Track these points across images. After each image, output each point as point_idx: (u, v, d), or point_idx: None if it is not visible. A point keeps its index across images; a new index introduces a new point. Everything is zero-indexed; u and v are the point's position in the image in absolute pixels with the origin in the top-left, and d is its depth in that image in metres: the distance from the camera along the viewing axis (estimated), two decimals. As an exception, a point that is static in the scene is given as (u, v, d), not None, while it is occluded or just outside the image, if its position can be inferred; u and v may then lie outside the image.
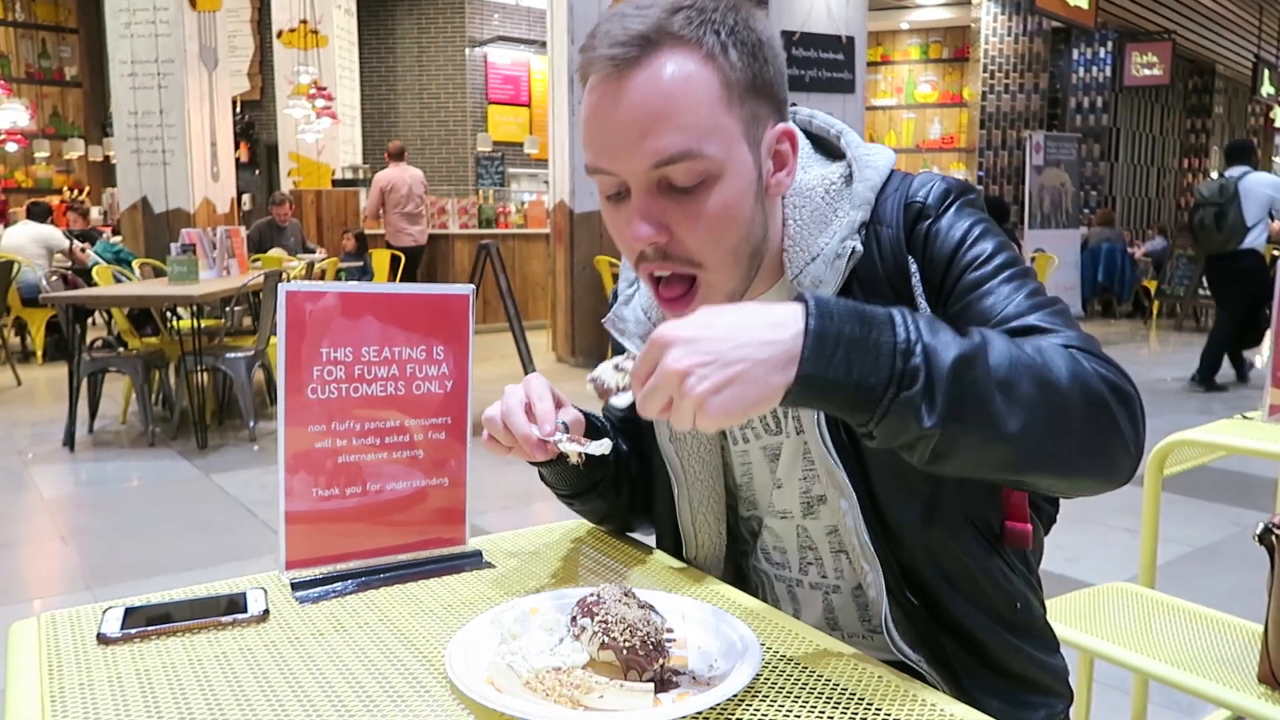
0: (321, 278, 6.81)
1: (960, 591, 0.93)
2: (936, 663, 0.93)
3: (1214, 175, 17.06)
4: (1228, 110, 17.92)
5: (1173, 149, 16.29)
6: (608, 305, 1.13)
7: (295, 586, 0.98)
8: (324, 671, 0.81)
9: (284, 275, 5.55)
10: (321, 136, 10.87)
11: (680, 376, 0.68)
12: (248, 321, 6.28)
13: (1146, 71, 13.60)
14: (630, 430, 1.15)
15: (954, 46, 15.13)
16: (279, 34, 11.11)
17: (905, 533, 0.92)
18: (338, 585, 0.99)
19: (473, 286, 1.07)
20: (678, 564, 1.08)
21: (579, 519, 1.21)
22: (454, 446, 1.08)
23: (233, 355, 5.10)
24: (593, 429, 1.07)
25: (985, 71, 13.52)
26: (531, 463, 1.02)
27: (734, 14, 0.85)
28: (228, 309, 5.87)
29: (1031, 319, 0.83)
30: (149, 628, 0.87)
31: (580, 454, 0.93)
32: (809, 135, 1.01)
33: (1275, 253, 11.95)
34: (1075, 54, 14.04)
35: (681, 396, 0.69)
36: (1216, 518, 3.84)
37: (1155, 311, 11.34)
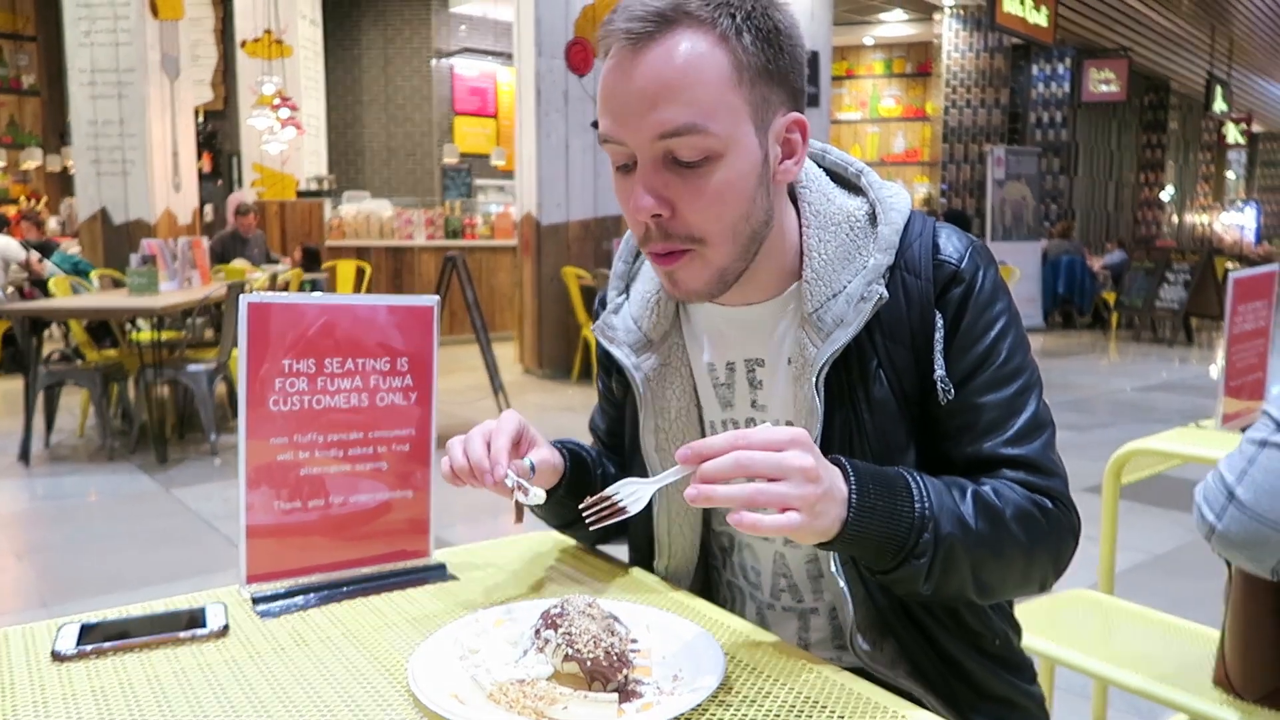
0: (285, 289, 6.74)
1: (945, 627, 0.97)
2: (924, 682, 0.95)
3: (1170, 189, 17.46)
4: (1182, 126, 18.32)
5: (1130, 164, 16.61)
6: (594, 313, 1.14)
7: (256, 600, 0.97)
8: (285, 687, 0.80)
9: (246, 287, 5.48)
10: (286, 147, 10.76)
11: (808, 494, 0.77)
12: (209, 333, 6.20)
13: (1104, 87, 13.87)
14: (616, 444, 1.16)
15: (917, 62, 15.34)
16: (243, 44, 11.00)
17: None
18: (299, 599, 0.98)
19: (437, 298, 1.07)
20: (643, 575, 1.08)
21: (543, 530, 1.21)
22: (418, 458, 1.07)
23: (194, 368, 5.03)
24: (578, 460, 1.08)
25: (947, 86, 13.71)
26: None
27: (749, 3, 0.87)
28: (189, 321, 5.79)
29: (1026, 452, 0.92)
30: (105, 644, 0.85)
31: (516, 485, 0.93)
32: (823, 169, 1.02)
33: (1229, 266, 12.21)
34: (1035, 70, 14.29)
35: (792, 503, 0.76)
36: (1174, 525, 3.91)
37: (1114, 323, 11.54)
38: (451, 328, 8.88)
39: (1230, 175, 23.60)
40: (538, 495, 0.94)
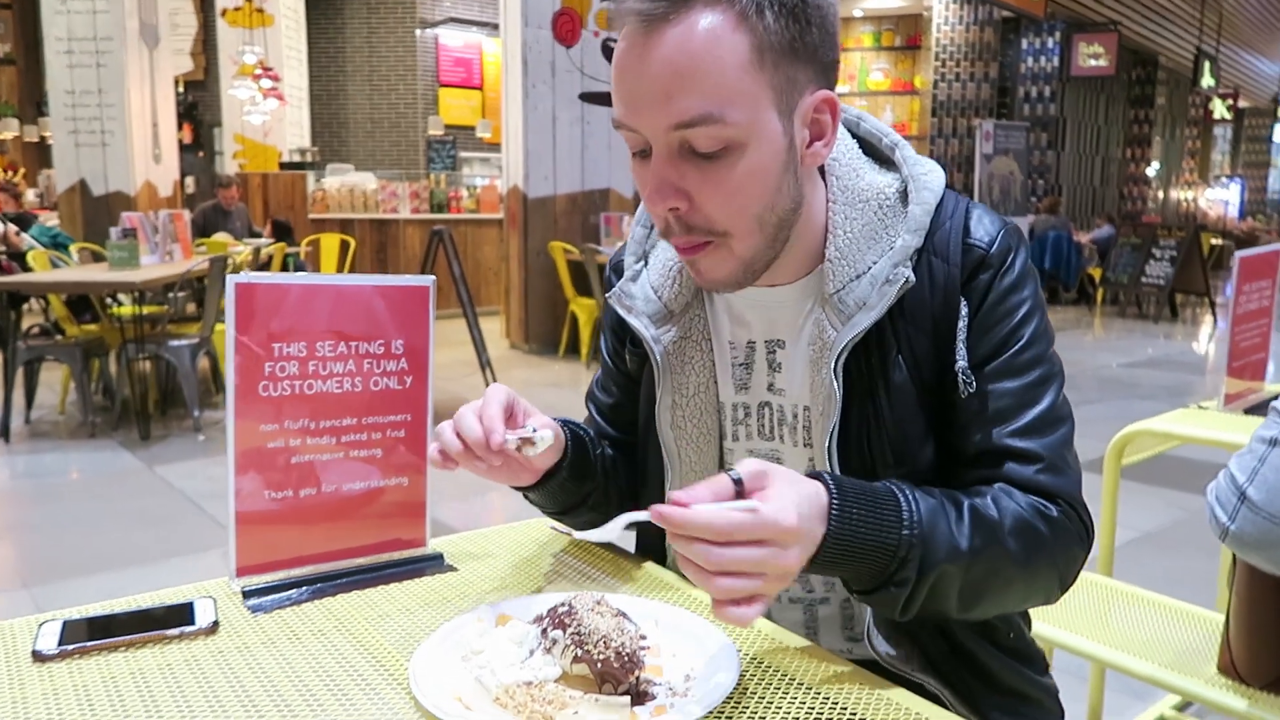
0: (268, 263, 6.66)
1: (963, 620, 0.93)
2: (940, 677, 0.92)
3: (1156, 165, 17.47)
4: (1169, 101, 18.30)
5: (1117, 139, 16.59)
6: (605, 280, 1.09)
7: (247, 595, 0.93)
8: (279, 686, 0.76)
9: (229, 261, 5.40)
10: (268, 118, 10.61)
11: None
12: (192, 308, 6.12)
13: (1092, 62, 13.81)
14: (621, 420, 1.12)
15: (906, 34, 15.22)
16: (223, 12, 10.81)
17: None
18: (292, 593, 0.94)
19: (433, 278, 1.03)
20: (645, 564, 1.04)
21: (539, 516, 1.17)
22: (414, 444, 1.03)
23: (176, 343, 4.96)
24: (578, 438, 1.03)
25: (937, 60, 13.63)
26: (515, 487, 0.99)
27: None
28: (171, 295, 5.70)
29: (1037, 447, 0.87)
30: (88, 644, 0.81)
31: (519, 442, 0.89)
32: (856, 139, 0.98)
33: (1214, 241, 12.23)
34: (1024, 43, 14.21)
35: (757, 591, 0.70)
36: (1163, 502, 3.92)
37: (1100, 299, 11.56)
38: (437, 301, 8.78)
39: (1216, 151, 23.64)
40: (544, 437, 0.90)
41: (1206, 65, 16.17)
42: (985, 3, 12.36)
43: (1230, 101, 20.63)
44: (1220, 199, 23.32)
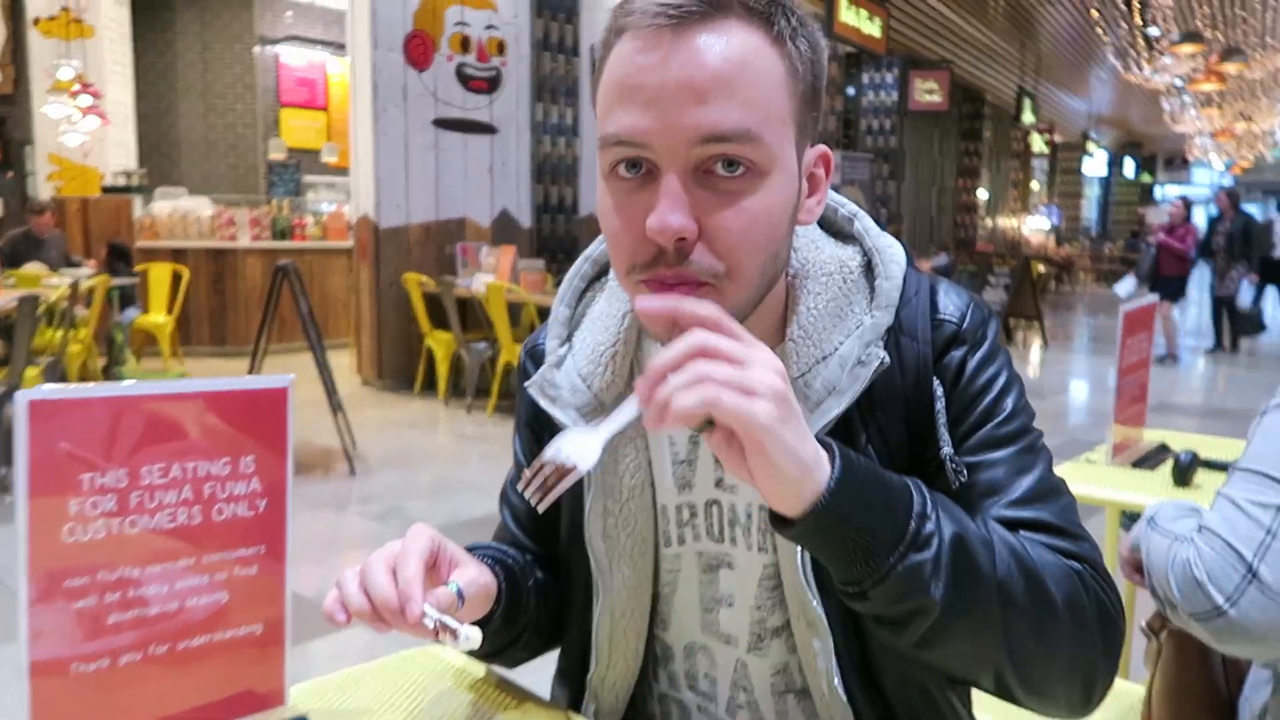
0: (90, 296, 6.09)
1: None
2: None
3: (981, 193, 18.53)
4: (995, 135, 19.49)
5: (950, 170, 17.53)
6: (521, 366, 0.94)
7: (46, 809, 0.72)
8: None
9: (41, 298, 4.87)
10: (87, 139, 9.81)
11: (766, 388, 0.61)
12: (-1, 348, 5.51)
13: (928, 97, 14.52)
14: (540, 530, 0.96)
15: (754, 66, 15.64)
16: (35, 21, 9.96)
17: (888, 673, 0.81)
18: (109, 798, 0.73)
19: (292, 376, 0.84)
20: (555, 711, 0.88)
21: (426, 645, 0.99)
22: (269, 581, 0.84)
23: (-21, 391, 4.42)
24: (510, 575, 0.88)
25: (785, 92, 14.01)
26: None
27: (799, 10, 0.73)
28: (-28, 335, 5.11)
29: (1041, 515, 0.77)
30: None
31: (439, 625, 0.70)
32: None
33: (1040, 269, 12.97)
34: (865, 78, 14.82)
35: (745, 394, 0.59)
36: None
37: (941, 323, 12.10)
38: (282, 335, 8.30)
39: (1035, 182, 25.35)
40: (471, 638, 0.70)
41: (1027, 102, 17.29)
42: (832, 38, 12.79)
43: (1047, 136, 22.16)
44: (1041, 226, 25.00)
